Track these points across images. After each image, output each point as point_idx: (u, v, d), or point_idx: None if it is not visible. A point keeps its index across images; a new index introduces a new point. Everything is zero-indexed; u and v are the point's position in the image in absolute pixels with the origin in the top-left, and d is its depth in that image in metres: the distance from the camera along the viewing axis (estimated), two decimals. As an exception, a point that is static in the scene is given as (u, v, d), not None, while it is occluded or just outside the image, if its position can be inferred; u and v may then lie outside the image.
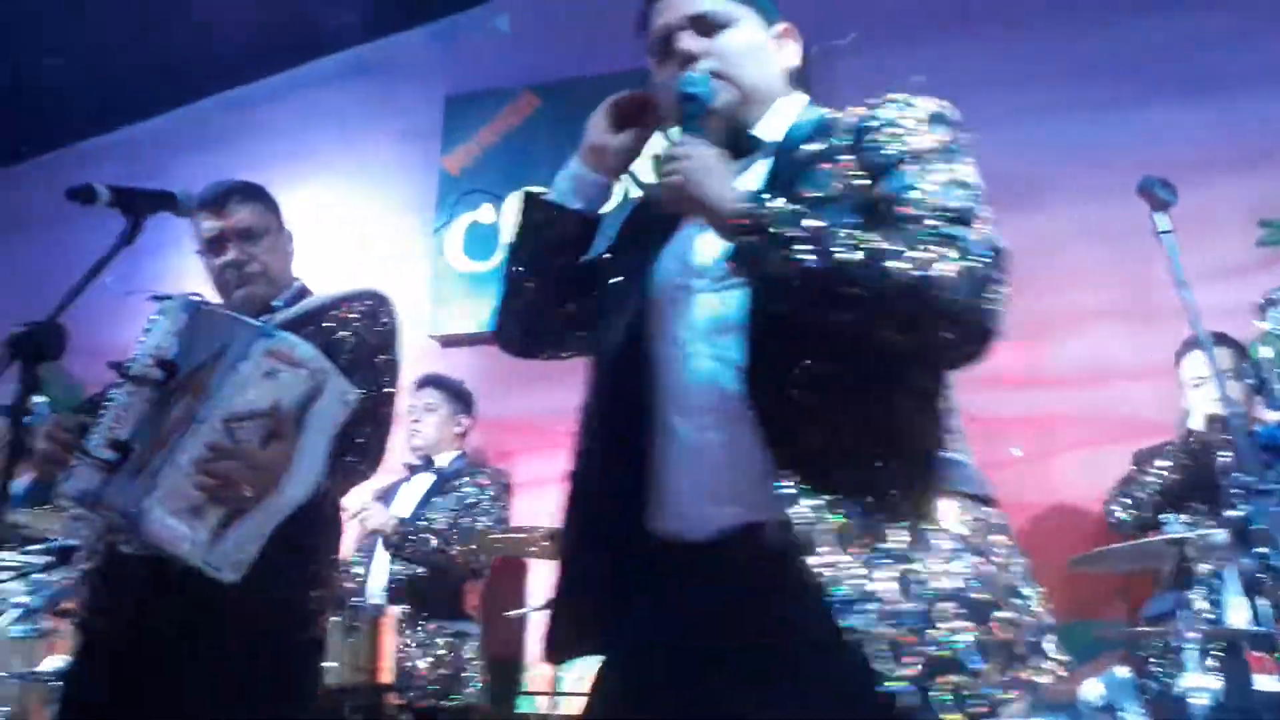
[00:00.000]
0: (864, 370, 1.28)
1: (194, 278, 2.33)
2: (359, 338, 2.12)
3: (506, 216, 4.49)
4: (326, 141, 4.89)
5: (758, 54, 1.49)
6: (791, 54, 1.56)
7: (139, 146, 5.28)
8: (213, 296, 2.19)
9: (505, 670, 3.82)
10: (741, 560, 1.29)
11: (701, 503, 1.33)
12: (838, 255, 1.21)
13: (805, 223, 1.24)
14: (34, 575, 3.18)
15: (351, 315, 2.14)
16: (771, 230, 1.23)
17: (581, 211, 1.53)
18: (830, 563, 1.20)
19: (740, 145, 1.45)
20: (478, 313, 4.41)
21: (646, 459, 1.37)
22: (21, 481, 3.65)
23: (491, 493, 3.64)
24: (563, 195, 1.53)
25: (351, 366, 2.02)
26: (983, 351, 1.28)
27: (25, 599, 3.20)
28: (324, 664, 2.21)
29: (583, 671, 3.09)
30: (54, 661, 3.10)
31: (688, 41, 1.44)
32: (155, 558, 1.83)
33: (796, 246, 1.22)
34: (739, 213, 1.26)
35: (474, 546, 3.41)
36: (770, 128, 1.47)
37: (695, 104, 1.39)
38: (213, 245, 2.17)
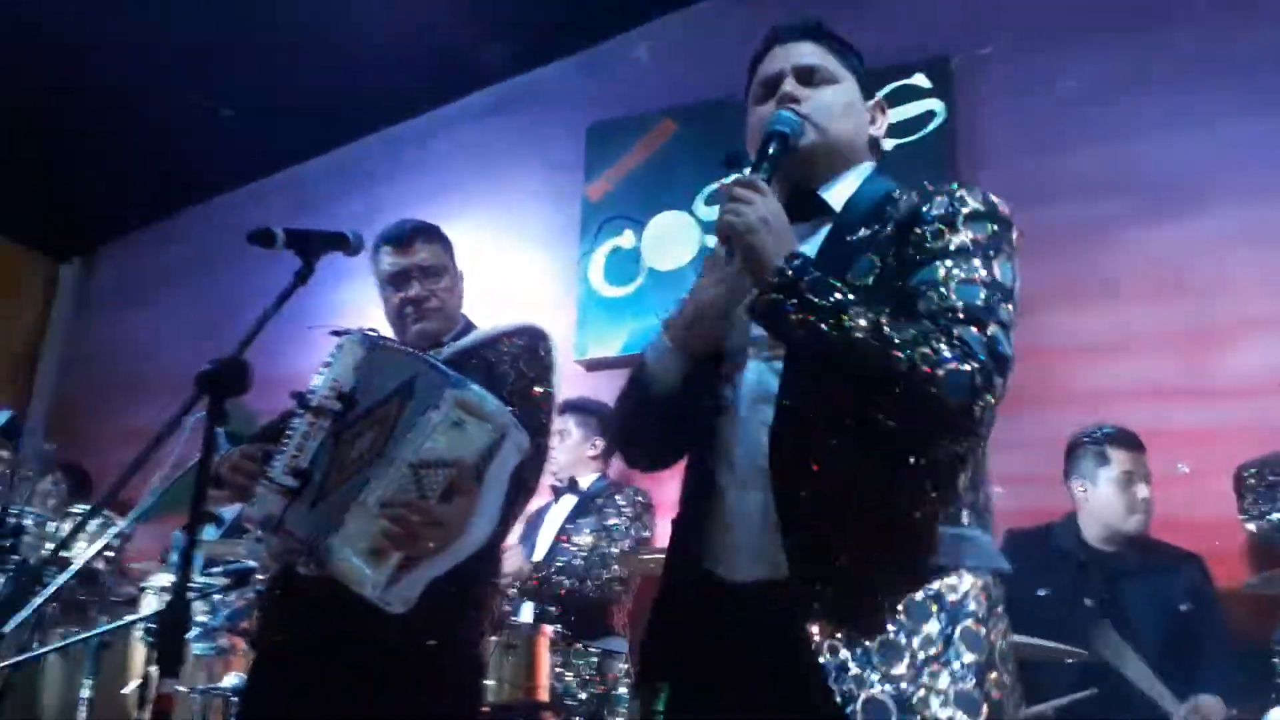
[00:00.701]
0: (879, 446, 1.36)
1: (355, 310, 2.44)
2: (518, 372, 2.18)
3: (647, 240, 4.56)
4: (474, 176, 5.05)
5: (850, 112, 1.60)
6: (880, 126, 1.66)
7: (302, 186, 5.56)
8: (385, 329, 2.28)
9: (645, 690, 3.83)
10: (760, 612, 1.39)
11: (738, 556, 1.44)
12: (849, 333, 1.30)
13: (834, 296, 1.33)
14: (214, 596, 3.36)
15: (511, 350, 2.20)
16: (800, 295, 1.33)
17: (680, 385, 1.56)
18: (821, 629, 1.31)
19: (808, 206, 1.55)
20: (620, 337, 4.49)
21: (710, 511, 1.48)
22: (230, 511, 3.89)
23: (630, 514, 3.66)
24: (668, 383, 1.55)
25: (511, 400, 2.06)
26: (963, 448, 1.38)
27: (205, 618, 3.39)
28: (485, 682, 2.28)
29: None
30: (233, 678, 3.25)
31: (791, 86, 1.56)
32: (330, 580, 1.91)
33: (815, 316, 1.32)
34: (778, 269, 1.36)
35: (607, 576, 3.46)
36: (837, 194, 1.56)
37: (778, 142, 1.48)
38: (395, 280, 2.26)
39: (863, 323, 1.30)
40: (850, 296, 1.33)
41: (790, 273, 1.34)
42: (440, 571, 1.86)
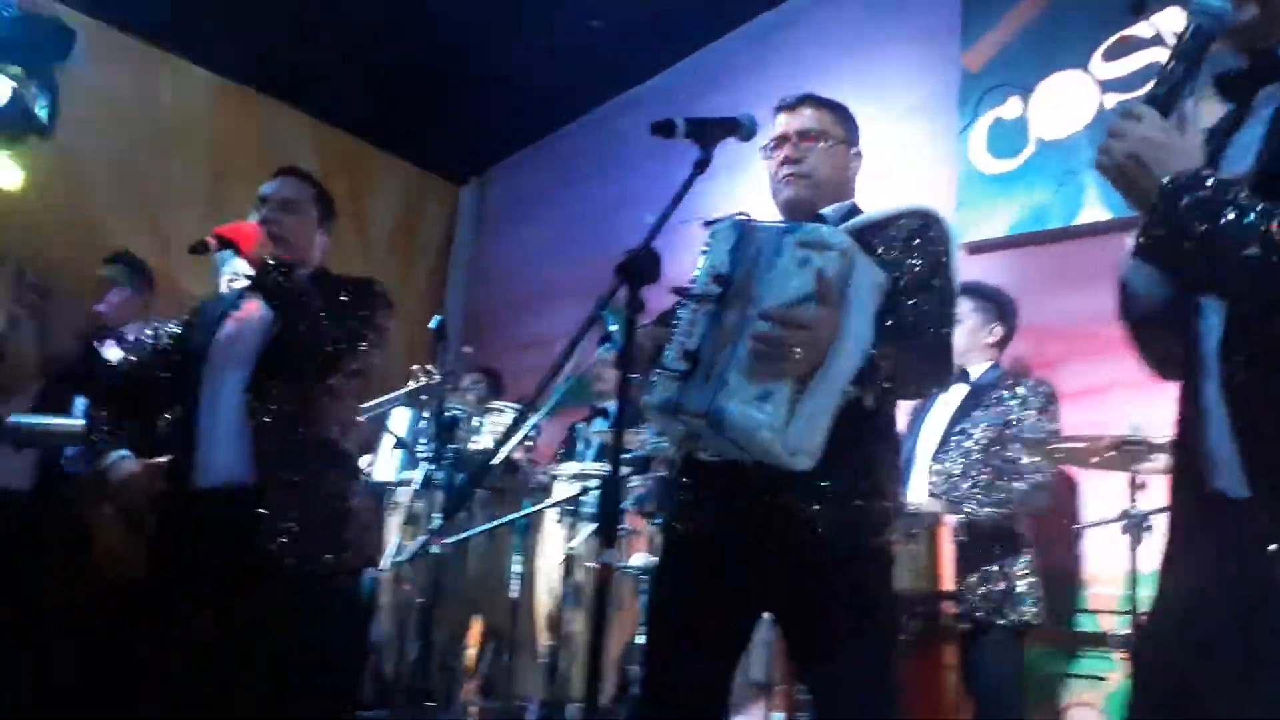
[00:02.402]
0: None
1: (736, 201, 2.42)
2: (911, 258, 2.06)
3: (1035, 107, 4.20)
4: (839, 58, 4.87)
5: None
6: None
7: (670, 91, 5.67)
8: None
9: (1062, 587, 3.65)
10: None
11: (1227, 470, 1.31)
12: (1237, 252, 1.15)
13: (1229, 213, 1.16)
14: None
15: (901, 234, 2.09)
16: (1179, 222, 1.19)
17: None
18: None
19: (1261, 69, 1.36)
20: (1006, 215, 4.20)
21: (1195, 421, 1.36)
22: (612, 403, 4.15)
23: (1036, 405, 3.43)
24: (1151, 298, 1.46)
25: (907, 287, 1.99)
26: None
27: (611, 502, 3.61)
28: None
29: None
30: (639, 558, 3.47)
31: None
32: (732, 464, 1.94)
33: (1199, 243, 1.18)
34: (1153, 205, 1.23)
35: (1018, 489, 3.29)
36: None
37: (1203, 29, 1.29)
38: (776, 143, 2.23)
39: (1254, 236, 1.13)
40: (1241, 201, 1.16)
41: (1164, 202, 1.21)
42: (830, 406, 1.83)
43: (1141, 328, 1.51)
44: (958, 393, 3.58)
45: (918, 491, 3.40)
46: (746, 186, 2.35)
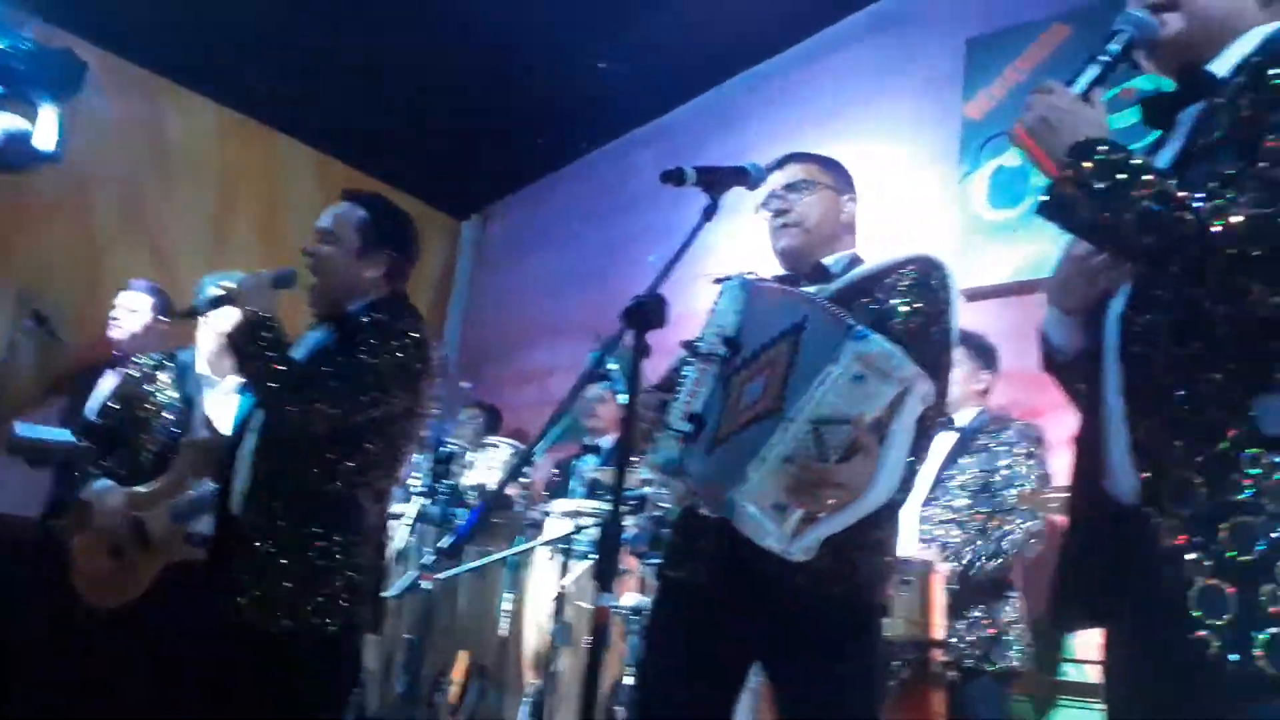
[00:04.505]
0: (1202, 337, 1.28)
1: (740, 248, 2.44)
2: (913, 308, 2.03)
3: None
4: (847, 102, 4.94)
5: None
6: None
7: (670, 133, 5.72)
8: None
9: (1050, 634, 3.64)
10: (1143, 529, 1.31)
11: (1118, 476, 1.38)
12: (1134, 206, 1.22)
13: (1120, 174, 1.25)
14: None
15: (904, 284, 2.06)
16: (1083, 183, 1.27)
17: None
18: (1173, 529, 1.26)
19: (1192, 82, 1.43)
20: (1008, 262, 4.23)
21: (1096, 431, 1.44)
22: (607, 441, 4.16)
23: (1023, 450, 3.43)
24: (1072, 348, 1.57)
25: (906, 339, 1.94)
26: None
27: (601, 542, 3.60)
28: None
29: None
30: (630, 597, 3.44)
31: None
32: (728, 521, 1.93)
33: (1099, 199, 1.25)
34: (1061, 164, 1.31)
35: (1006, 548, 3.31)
36: (1226, 63, 1.42)
37: (1114, 47, 1.41)
38: (767, 200, 2.24)
39: (1146, 192, 1.22)
40: (1141, 164, 1.25)
41: (1069, 163, 1.29)
42: (843, 527, 1.81)
43: (1062, 375, 1.61)
44: (945, 440, 3.59)
45: (908, 539, 3.40)
46: (748, 229, 2.37)
